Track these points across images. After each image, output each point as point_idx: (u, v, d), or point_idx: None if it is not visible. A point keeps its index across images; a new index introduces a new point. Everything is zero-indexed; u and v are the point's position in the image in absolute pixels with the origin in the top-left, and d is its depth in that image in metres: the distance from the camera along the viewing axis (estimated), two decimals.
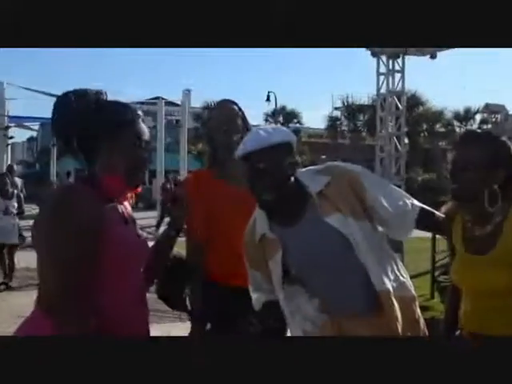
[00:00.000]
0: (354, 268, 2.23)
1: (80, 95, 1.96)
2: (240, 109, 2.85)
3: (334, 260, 2.23)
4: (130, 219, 1.99)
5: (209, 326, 2.64)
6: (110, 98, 2.03)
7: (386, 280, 2.25)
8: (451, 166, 2.10)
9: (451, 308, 2.31)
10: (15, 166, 12.61)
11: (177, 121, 16.82)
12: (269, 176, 2.17)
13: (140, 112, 2.05)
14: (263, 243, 2.31)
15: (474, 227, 2.12)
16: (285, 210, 2.26)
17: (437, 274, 7.29)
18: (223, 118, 2.81)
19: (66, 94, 1.96)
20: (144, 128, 2.01)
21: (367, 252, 2.23)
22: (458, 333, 2.24)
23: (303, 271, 2.29)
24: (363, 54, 14.54)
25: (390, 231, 2.38)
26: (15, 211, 8.48)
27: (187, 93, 14.14)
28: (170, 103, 17.10)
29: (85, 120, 1.92)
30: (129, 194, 2.04)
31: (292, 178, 2.25)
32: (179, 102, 15.97)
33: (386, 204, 2.27)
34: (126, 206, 2.02)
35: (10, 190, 8.68)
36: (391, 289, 2.24)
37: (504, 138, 2.15)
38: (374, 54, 15.82)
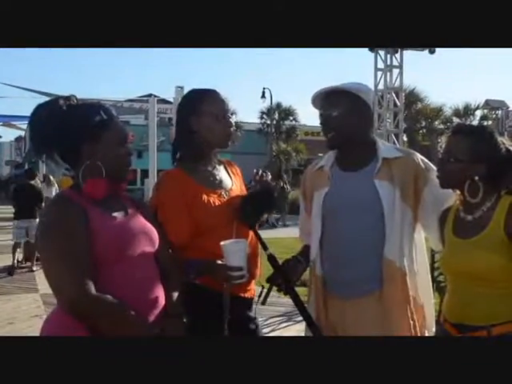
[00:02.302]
0: (374, 237, 2.38)
1: (49, 106, 2.07)
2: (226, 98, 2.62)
3: (358, 219, 2.40)
4: (137, 208, 2.18)
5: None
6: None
7: (398, 253, 2.37)
8: (440, 156, 2.26)
9: None
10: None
11: (169, 119, 16.54)
12: (346, 122, 2.42)
13: (113, 111, 2.12)
14: (318, 174, 2.57)
15: (466, 214, 2.23)
16: (350, 156, 2.48)
17: (436, 273, 7.21)
18: (223, 109, 2.54)
19: (36, 109, 2.06)
20: (120, 126, 2.09)
21: (395, 226, 2.37)
22: (439, 326, 2.36)
23: (329, 214, 2.46)
24: (361, 48, 14.25)
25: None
26: None
27: (180, 90, 13.73)
28: (162, 101, 16.75)
29: (58, 129, 2.01)
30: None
31: (370, 136, 2.52)
32: (172, 100, 15.66)
33: (429, 216, 2.43)
34: (129, 197, 2.21)
35: None
36: (398, 261, 2.37)
37: (494, 134, 2.23)
38: (371, 49, 15.50)
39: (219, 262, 2.28)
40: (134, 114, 14.73)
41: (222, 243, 2.27)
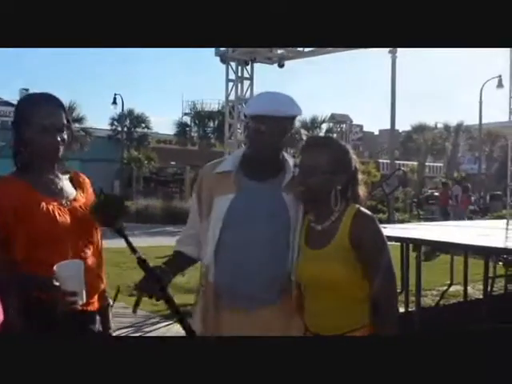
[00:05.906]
0: (280, 248, 2.38)
1: None
2: (63, 105, 2.41)
3: (262, 230, 2.38)
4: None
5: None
6: None
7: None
8: (299, 171, 2.27)
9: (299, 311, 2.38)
10: None
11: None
12: (275, 140, 2.36)
13: None
14: (221, 178, 2.45)
15: (316, 224, 2.30)
16: (262, 166, 2.45)
17: None
18: (54, 120, 2.35)
19: None
20: None
21: (297, 239, 2.38)
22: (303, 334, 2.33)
23: (231, 222, 2.40)
24: (213, 59, 14.41)
25: None
26: None
27: (25, 92, 13.25)
28: (4, 103, 15.92)
29: None
30: None
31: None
32: (16, 102, 14.92)
33: None
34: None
35: None
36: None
37: (346, 145, 2.34)
38: (223, 61, 15.73)
39: (56, 283, 2.15)
40: None
41: (54, 267, 2.11)
